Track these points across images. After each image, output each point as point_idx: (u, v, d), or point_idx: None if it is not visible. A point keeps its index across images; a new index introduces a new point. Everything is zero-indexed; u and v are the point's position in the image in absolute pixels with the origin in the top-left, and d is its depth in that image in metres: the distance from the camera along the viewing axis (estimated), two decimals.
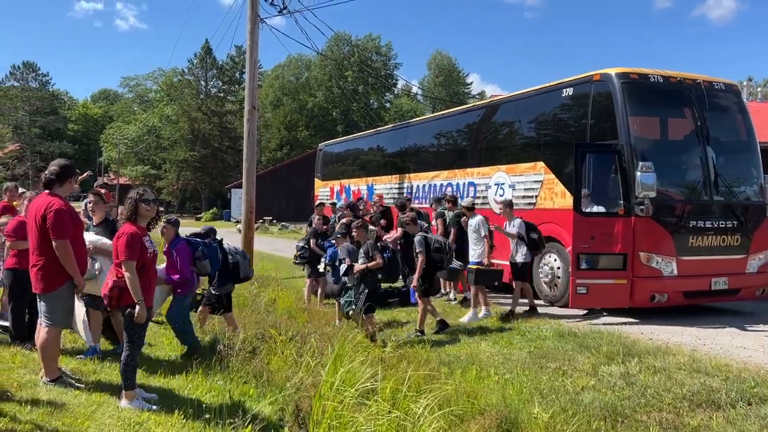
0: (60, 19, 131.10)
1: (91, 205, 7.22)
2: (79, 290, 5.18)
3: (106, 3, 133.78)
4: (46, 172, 5.22)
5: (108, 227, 6.74)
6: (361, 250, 7.89)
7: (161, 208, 7.02)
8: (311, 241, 10.57)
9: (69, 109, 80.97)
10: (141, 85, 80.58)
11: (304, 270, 11.25)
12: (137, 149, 65.61)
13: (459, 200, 11.15)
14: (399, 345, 6.89)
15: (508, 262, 9.77)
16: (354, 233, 8.44)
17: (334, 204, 16.45)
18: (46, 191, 5.17)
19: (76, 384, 5.18)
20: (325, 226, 11.15)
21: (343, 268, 7.95)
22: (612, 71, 9.47)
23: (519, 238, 9.39)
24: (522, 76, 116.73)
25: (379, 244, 8.28)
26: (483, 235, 9.49)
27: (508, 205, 9.79)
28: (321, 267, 9.82)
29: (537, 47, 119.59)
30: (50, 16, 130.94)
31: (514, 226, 9.48)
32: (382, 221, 12.91)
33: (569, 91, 10.29)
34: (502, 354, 7.12)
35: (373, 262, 7.63)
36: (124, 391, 4.83)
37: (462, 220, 10.25)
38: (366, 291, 7.71)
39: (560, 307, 10.06)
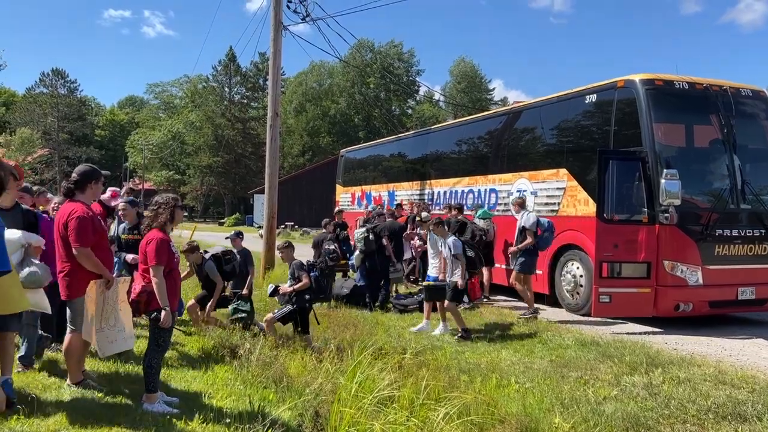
0: (88, 26, 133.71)
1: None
2: (109, 285, 5.20)
3: (133, 11, 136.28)
4: (66, 180, 5.31)
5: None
6: (289, 272, 7.80)
7: (185, 214, 7.13)
8: (335, 243, 11.19)
9: (96, 115, 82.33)
10: (166, 91, 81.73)
11: None
12: (162, 155, 66.55)
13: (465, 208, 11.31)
14: (418, 352, 6.86)
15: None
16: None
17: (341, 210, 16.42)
18: (67, 199, 5.25)
19: (99, 387, 5.25)
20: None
21: (270, 288, 7.98)
22: (636, 77, 9.37)
23: (455, 257, 8.58)
24: (546, 83, 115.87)
25: (307, 262, 8.13)
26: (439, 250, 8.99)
27: (439, 224, 9.00)
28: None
29: (562, 53, 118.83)
30: (79, 24, 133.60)
31: (454, 247, 8.65)
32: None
33: (593, 98, 10.21)
34: (523, 362, 7.05)
35: (299, 284, 7.51)
36: (146, 394, 4.88)
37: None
38: (290, 308, 7.57)
39: (582, 315, 9.95)
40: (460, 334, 8.43)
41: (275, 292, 7.85)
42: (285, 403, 5.02)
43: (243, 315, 8.08)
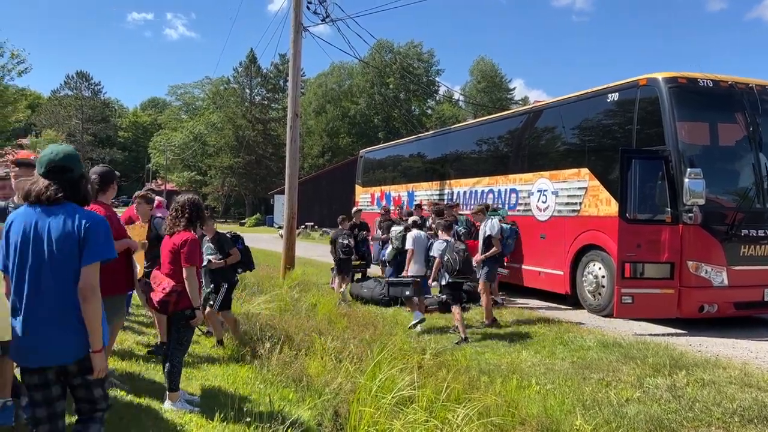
0: (112, 29, 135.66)
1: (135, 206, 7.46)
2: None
3: (156, 13, 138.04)
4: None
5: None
6: (208, 247, 7.20)
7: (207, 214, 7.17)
8: (350, 239, 11.39)
9: (119, 117, 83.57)
10: (188, 93, 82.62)
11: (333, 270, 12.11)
12: (184, 156, 67.23)
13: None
14: (438, 352, 6.85)
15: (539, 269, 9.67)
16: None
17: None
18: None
19: (122, 385, 5.32)
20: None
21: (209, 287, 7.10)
22: (659, 76, 9.25)
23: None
24: (568, 82, 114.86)
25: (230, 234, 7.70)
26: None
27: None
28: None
29: (584, 51, 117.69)
30: (103, 27, 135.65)
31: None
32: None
33: (614, 97, 10.10)
34: (544, 364, 7.00)
35: (231, 257, 7.11)
36: (168, 392, 4.94)
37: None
38: (225, 286, 7.10)
39: (604, 316, 9.85)
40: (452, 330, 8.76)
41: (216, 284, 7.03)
42: (305, 402, 5.05)
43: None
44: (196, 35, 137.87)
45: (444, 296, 8.99)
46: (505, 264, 10.70)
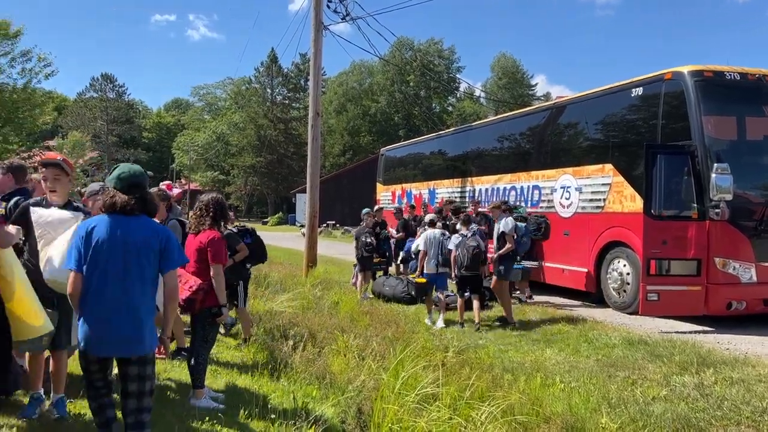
0: (136, 32, 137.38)
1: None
2: None
3: (178, 14, 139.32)
4: None
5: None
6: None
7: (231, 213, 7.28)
8: (372, 237, 11.59)
9: (143, 118, 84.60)
10: (211, 93, 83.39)
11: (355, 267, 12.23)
12: (207, 156, 67.92)
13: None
14: (461, 350, 6.83)
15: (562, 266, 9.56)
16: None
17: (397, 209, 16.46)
18: None
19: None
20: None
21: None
22: (684, 69, 9.10)
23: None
24: (591, 77, 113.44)
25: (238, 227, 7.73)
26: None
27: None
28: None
29: (608, 46, 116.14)
30: (127, 30, 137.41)
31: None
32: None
33: (639, 91, 9.96)
34: (569, 362, 6.94)
35: (238, 254, 7.00)
36: (193, 390, 4.99)
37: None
38: (241, 284, 7.12)
39: (629, 314, 9.73)
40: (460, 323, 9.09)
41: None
42: (328, 399, 5.07)
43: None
44: (218, 36, 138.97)
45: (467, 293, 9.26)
46: (519, 260, 10.54)
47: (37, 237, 4.21)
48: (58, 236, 4.17)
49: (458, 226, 9.52)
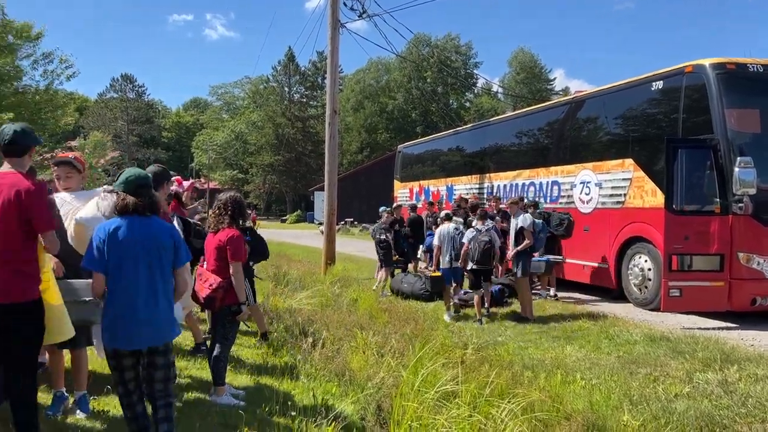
0: (155, 32, 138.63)
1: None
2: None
3: (196, 14, 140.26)
4: None
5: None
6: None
7: (248, 211, 7.29)
8: (387, 234, 11.73)
9: (163, 118, 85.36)
10: (229, 93, 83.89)
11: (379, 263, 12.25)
12: (226, 154, 68.39)
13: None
14: (480, 347, 6.81)
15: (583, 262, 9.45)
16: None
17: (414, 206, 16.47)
18: None
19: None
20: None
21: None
22: (706, 62, 8.97)
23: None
24: (611, 71, 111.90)
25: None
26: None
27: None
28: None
29: (628, 39, 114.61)
30: (146, 31, 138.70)
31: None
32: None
33: (659, 85, 9.84)
34: (589, 358, 6.89)
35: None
36: (214, 387, 5.04)
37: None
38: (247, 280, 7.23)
39: (651, 310, 9.63)
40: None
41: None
42: (348, 396, 5.08)
43: None
44: (235, 35, 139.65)
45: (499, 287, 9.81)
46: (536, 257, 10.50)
47: (63, 216, 4.36)
48: (82, 205, 4.37)
49: (474, 222, 9.66)
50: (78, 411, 4.38)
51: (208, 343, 6.61)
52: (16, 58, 17.86)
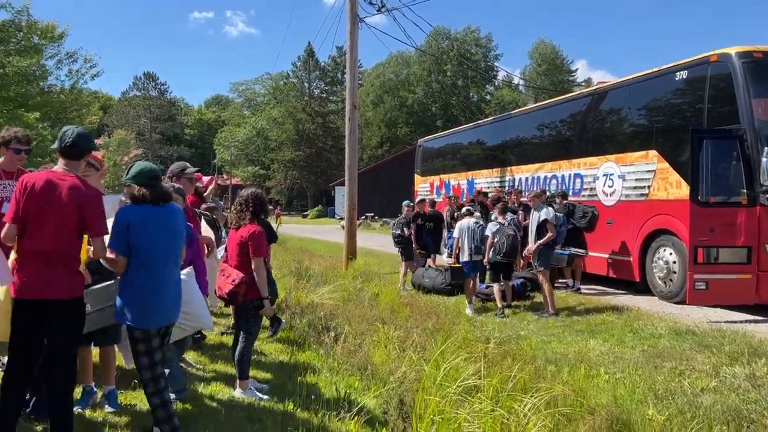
0: (176, 30, 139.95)
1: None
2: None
3: (216, 12, 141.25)
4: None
5: None
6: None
7: (270, 207, 7.42)
8: (405, 228, 11.80)
9: (185, 115, 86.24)
10: (249, 89, 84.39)
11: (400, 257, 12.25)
12: (247, 151, 68.88)
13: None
14: (502, 341, 6.78)
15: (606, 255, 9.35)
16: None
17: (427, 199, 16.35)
18: None
19: (197, 369, 5.58)
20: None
21: None
22: (731, 50, 8.80)
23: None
24: (634, 61, 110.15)
25: None
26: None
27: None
28: None
29: (651, 29, 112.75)
30: (167, 29, 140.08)
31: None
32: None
33: (683, 74, 9.68)
34: (613, 352, 6.82)
35: None
36: (238, 380, 5.10)
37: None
38: None
39: (676, 303, 9.50)
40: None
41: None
42: (370, 390, 5.10)
43: None
44: (255, 31, 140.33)
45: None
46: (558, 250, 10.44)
47: None
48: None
49: (494, 215, 9.77)
50: (107, 406, 4.46)
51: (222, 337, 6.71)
52: (41, 58, 18.12)
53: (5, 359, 5.01)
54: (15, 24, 16.71)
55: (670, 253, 9.76)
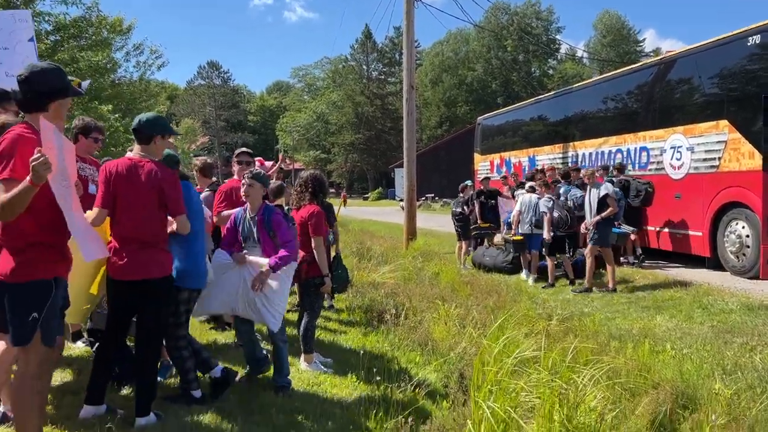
0: (237, 18, 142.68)
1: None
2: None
3: None
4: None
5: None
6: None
7: (331, 190, 7.57)
8: (465, 207, 11.99)
9: (248, 102, 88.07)
10: (309, 74, 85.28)
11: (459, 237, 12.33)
12: (308, 135, 69.83)
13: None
14: (564, 318, 6.73)
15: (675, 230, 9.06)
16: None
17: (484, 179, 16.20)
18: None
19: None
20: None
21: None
22: None
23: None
24: (705, 27, 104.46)
25: None
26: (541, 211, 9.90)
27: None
28: None
29: None
30: (229, 18, 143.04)
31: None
32: None
33: (756, 39, 9.19)
34: (680, 328, 6.66)
35: None
36: (303, 354, 5.30)
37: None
38: None
39: (749, 278, 9.14)
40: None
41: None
42: (430, 365, 5.21)
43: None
44: (314, 15, 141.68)
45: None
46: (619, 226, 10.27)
47: None
48: None
49: (538, 190, 10.17)
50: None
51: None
52: (111, 51, 18.90)
53: (77, 342, 5.41)
54: (86, 20, 17.44)
55: (743, 227, 9.36)
